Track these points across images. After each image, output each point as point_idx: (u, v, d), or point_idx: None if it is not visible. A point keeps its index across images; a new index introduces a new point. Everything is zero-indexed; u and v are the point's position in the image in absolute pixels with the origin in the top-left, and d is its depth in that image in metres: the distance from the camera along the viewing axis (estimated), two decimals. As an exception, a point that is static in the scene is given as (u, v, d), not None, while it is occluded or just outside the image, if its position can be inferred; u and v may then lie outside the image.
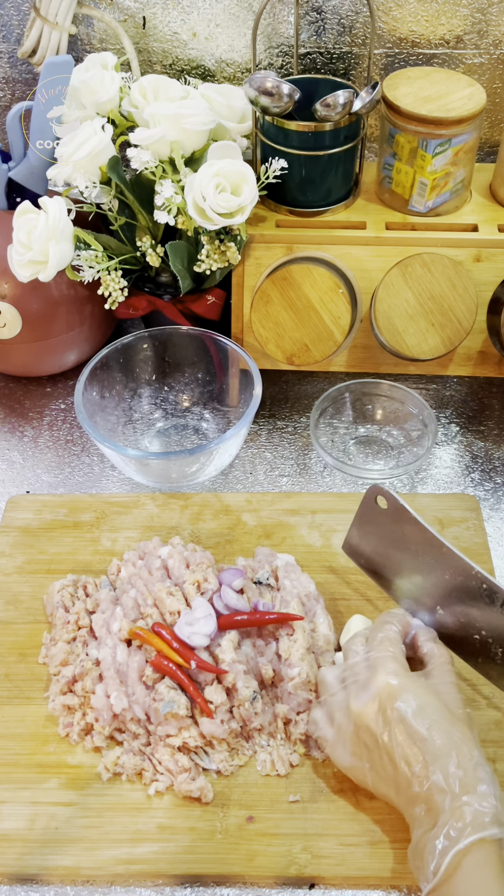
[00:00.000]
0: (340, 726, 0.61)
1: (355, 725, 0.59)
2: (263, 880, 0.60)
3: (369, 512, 0.70)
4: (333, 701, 0.62)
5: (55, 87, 0.80)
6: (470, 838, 0.51)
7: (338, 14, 0.92)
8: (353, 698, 0.60)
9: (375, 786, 0.59)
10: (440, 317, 0.83)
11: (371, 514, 0.69)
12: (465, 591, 0.64)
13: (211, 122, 0.82)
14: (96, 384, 0.85)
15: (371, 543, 0.71)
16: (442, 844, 0.52)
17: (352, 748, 0.60)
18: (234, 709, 0.65)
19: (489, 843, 0.52)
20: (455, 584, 0.64)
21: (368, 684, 0.59)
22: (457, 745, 0.56)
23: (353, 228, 0.85)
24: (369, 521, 0.70)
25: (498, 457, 0.89)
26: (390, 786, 0.57)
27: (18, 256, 0.81)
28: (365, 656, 0.62)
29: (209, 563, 0.73)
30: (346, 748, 0.60)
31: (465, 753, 0.55)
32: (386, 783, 0.58)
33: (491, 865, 0.51)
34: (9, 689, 0.70)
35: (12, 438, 0.92)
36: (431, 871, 0.52)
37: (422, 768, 0.55)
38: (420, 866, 0.54)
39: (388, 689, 0.58)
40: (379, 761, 0.58)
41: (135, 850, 0.61)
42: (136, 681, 0.66)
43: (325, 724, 0.63)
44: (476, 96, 0.81)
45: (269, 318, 0.83)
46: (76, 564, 0.78)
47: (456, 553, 0.64)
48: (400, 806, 0.58)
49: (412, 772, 0.55)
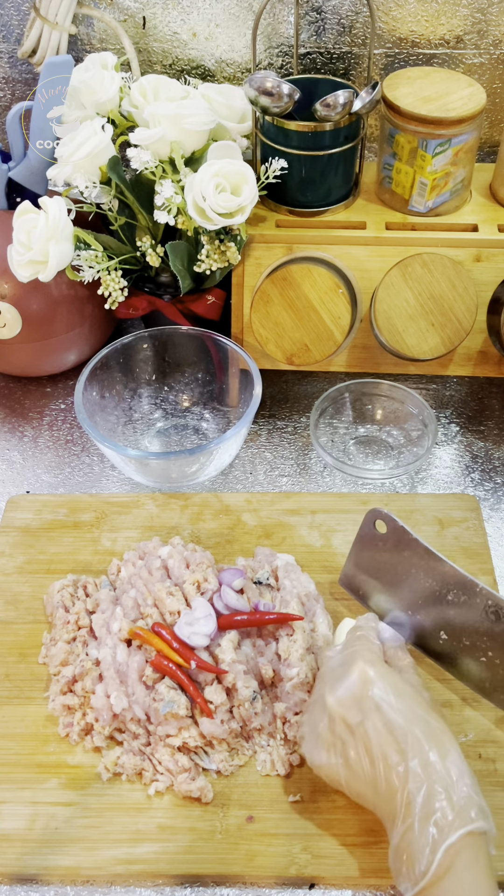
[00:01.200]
0: (315, 722, 0.59)
1: (330, 718, 0.58)
2: (263, 880, 0.60)
3: (365, 540, 0.69)
4: (312, 699, 0.62)
5: (55, 87, 0.80)
6: (459, 832, 0.50)
7: (338, 14, 0.92)
8: (329, 692, 0.58)
9: (349, 784, 0.57)
10: (440, 317, 0.83)
11: (367, 542, 0.69)
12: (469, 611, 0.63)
13: (211, 122, 0.82)
14: (96, 384, 0.85)
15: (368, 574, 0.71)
16: (431, 841, 0.50)
17: (326, 744, 0.58)
18: (233, 709, 0.65)
19: (476, 836, 0.51)
20: (459, 605, 0.64)
21: (344, 676, 0.58)
22: (435, 735, 0.55)
23: (352, 228, 0.85)
24: (365, 550, 0.70)
25: (498, 457, 0.89)
26: (366, 783, 0.55)
27: (18, 256, 0.81)
28: (340, 654, 0.62)
29: (209, 563, 0.73)
30: (321, 744, 0.58)
31: (443, 744, 0.54)
32: (361, 780, 0.56)
33: (480, 863, 0.50)
34: (9, 689, 0.70)
35: (12, 438, 0.92)
36: (421, 870, 0.50)
37: (399, 757, 0.54)
38: (401, 868, 0.52)
39: (364, 677, 0.57)
40: (355, 755, 0.56)
41: (135, 850, 0.61)
42: (136, 681, 0.66)
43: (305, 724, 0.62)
44: (476, 96, 0.81)
45: (269, 318, 0.83)
46: (76, 564, 0.78)
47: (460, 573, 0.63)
48: (377, 805, 0.56)
49: (389, 762, 0.54)
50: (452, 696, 0.68)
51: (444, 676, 0.70)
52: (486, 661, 0.65)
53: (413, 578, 0.67)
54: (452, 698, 0.68)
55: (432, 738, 0.54)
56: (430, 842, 0.51)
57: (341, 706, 0.57)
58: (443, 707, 0.68)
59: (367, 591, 0.71)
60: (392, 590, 0.69)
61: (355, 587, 0.73)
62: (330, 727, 0.58)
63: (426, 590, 0.66)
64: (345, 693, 0.57)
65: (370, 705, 0.56)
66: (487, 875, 0.51)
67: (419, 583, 0.66)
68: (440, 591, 0.65)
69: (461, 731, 0.66)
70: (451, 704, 0.68)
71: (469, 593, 0.63)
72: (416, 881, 0.51)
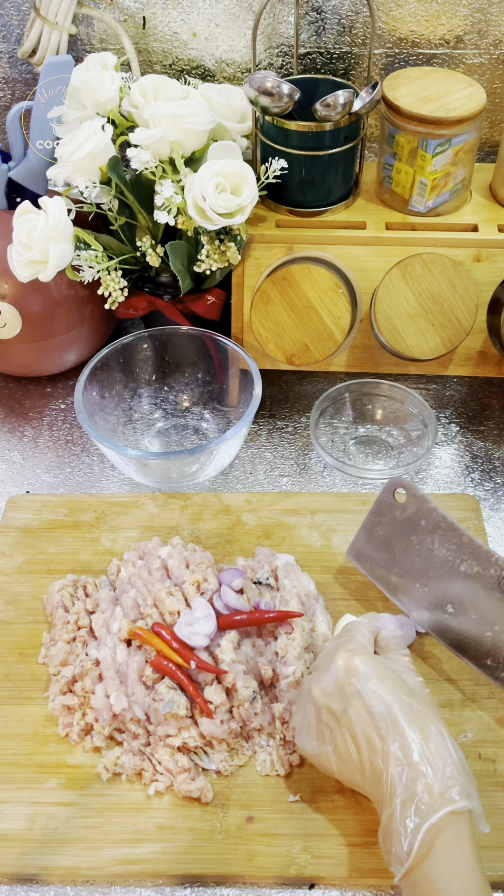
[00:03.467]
0: (305, 711, 0.60)
1: (316, 707, 0.59)
2: (263, 880, 0.60)
3: (383, 508, 0.70)
4: (300, 691, 0.63)
5: (55, 87, 0.80)
6: (440, 812, 0.51)
7: (338, 14, 0.92)
8: (314, 682, 0.60)
9: (341, 771, 0.58)
10: (440, 317, 0.83)
11: (385, 509, 0.69)
12: (481, 582, 0.64)
13: (211, 122, 0.82)
14: (96, 384, 0.85)
15: (380, 544, 0.71)
16: (413, 822, 0.51)
17: (316, 732, 0.59)
18: (233, 709, 0.65)
19: (459, 815, 0.51)
20: (471, 576, 0.64)
21: (327, 666, 0.59)
22: (417, 717, 0.55)
23: (353, 228, 0.85)
24: (381, 518, 0.70)
25: (498, 457, 0.89)
26: (355, 769, 0.56)
27: (18, 256, 0.81)
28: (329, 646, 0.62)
29: (209, 563, 0.73)
30: (312, 733, 0.59)
31: (426, 726, 0.55)
32: (350, 766, 0.57)
33: (462, 842, 0.51)
34: (8, 689, 0.70)
35: (12, 438, 0.92)
36: (405, 851, 0.51)
37: (381, 741, 0.54)
38: (390, 849, 0.52)
39: (346, 665, 0.58)
40: (342, 742, 0.57)
41: (134, 851, 0.60)
42: (135, 681, 0.66)
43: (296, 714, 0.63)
44: (476, 96, 0.81)
45: (269, 318, 0.83)
46: (76, 564, 0.78)
47: (476, 542, 0.64)
48: (367, 790, 0.56)
49: (372, 747, 0.55)
50: (453, 695, 0.68)
51: (446, 676, 0.70)
52: (491, 635, 0.65)
53: (426, 548, 0.67)
54: (453, 698, 0.68)
55: (414, 721, 0.55)
56: (412, 824, 0.51)
57: (325, 695, 0.58)
58: (442, 707, 0.68)
59: (377, 562, 0.72)
60: (403, 560, 0.69)
61: (364, 558, 0.73)
62: (317, 716, 0.59)
63: (439, 560, 0.66)
64: (328, 682, 0.58)
65: (352, 692, 0.57)
66: (471, 853, 0.51)
67: (432, 553, 0.67)
68: (453, 561, 0.66)
69: (461, 731, 0.66)
70: (451, 704, 0.68)
71: (483, 564, 0.64)
72: (401, 862, 0.51)
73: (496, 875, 0.59)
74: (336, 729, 0.57)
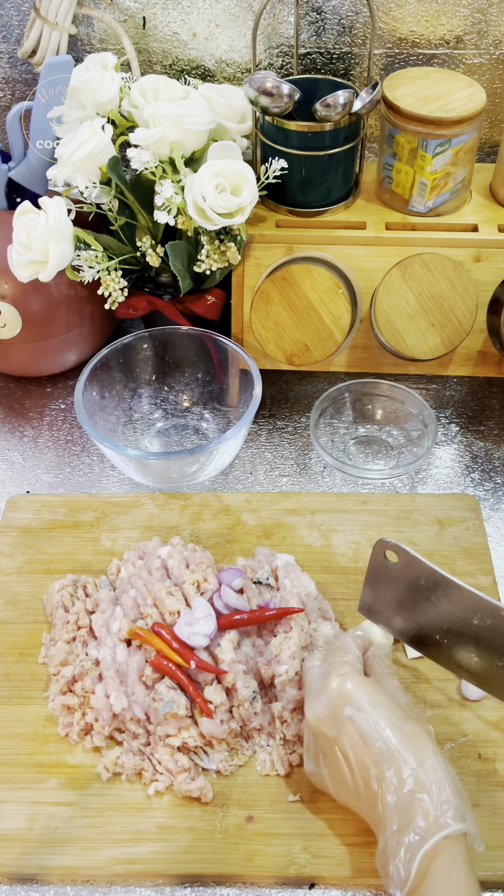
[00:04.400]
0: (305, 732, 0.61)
1: (312, 734, 0.59)
2: (263, 880, 0.60)
3: (379, 570, 0.67)
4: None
5: (55, 87, 0.80)
6: (434, 838, 0.51)
7: (338, 14, 0.92)
8: (308, 707, 0.60)
9: (337, 793, 0.59)
10: (440, 317, 0.83)
11: (381, 571, 0.67)
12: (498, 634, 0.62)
13: (211, 123, 0.82)
14: (96, 384, 0.85)
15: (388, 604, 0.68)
16: (408, 848, 0.51)
17: (313, 755, 0.60)
18: (233, 709, 0.65)
19: (454, 839, 0.51)
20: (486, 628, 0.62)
21: (320, 691, 0.59)
22: (412, 742, 0.55)
23: (353, 228, 0.85)
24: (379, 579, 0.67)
25: (498, 457, 0.89)
26: (350, 792, 0.57)
27: (18, 256, 0.81)
28: (319, 667, 0.62)
29: (209, 563, 0.73)
30: (309, 755, 0.60)
31: (420, 750, 0.55)
32: (346, 790, 0.57)
33: (458, 865, 0.51)
34: (8, 689, 0.70)
35: (12, 438, 0.92)
36: (402, 878, 0.51)
37: (375, 767, 0.55)
38: (387, 873, 0.52)
39: (339, 691, 0.58)
40: (336, 766, 0.57)
41: (134, 850, 0.61)
42: (135, 681, 0.66)
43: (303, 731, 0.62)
44: (476, 96, 0.81)
45: (269, 318, 0.83)
46: (76, 564, 0.78)
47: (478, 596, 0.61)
48: (363, 813, 0.57)
49: (367, 772, 0.55)
50: (453, 695, 0.68)
51: (445, 676, 0.69)
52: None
53: (433, 605, 0.65)
54: (453, 697, 0.68)
55: (408, 746, 0.55)
56: (409, 849, 0.51)
57: (319, 722, 0.58)
58: (441, 707, 0.68)
59: (389, 618, 0.69)
60: (416, 618, 0.67)
61: (376, 615, 0.70)
62: (314, 740, 0.59)
63: (449, 615, 0.64)
64: (321, 708, 0.58)
65: (344, 718, 0.57)
66: (466, 875, 0.51)
67: (441, 608, 0.64)
68: (463, 615, 0.63)
69: (460, 732, 0.66)
70: (451, 704, 0.68)
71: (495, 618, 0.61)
72: (399, 888, 0.52)
73: (496, 875, 0.59)
74: (330, 753, 0.58)
